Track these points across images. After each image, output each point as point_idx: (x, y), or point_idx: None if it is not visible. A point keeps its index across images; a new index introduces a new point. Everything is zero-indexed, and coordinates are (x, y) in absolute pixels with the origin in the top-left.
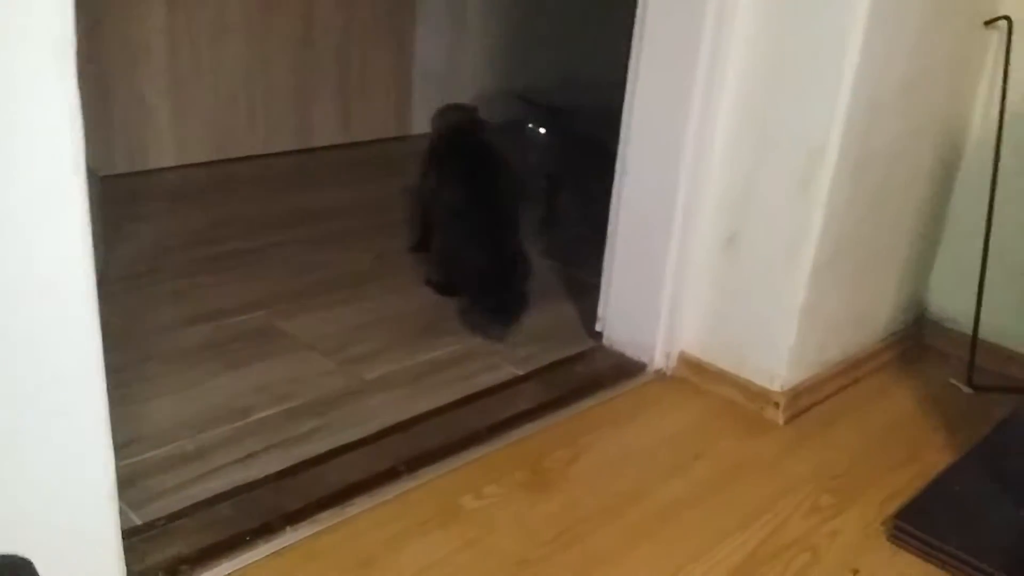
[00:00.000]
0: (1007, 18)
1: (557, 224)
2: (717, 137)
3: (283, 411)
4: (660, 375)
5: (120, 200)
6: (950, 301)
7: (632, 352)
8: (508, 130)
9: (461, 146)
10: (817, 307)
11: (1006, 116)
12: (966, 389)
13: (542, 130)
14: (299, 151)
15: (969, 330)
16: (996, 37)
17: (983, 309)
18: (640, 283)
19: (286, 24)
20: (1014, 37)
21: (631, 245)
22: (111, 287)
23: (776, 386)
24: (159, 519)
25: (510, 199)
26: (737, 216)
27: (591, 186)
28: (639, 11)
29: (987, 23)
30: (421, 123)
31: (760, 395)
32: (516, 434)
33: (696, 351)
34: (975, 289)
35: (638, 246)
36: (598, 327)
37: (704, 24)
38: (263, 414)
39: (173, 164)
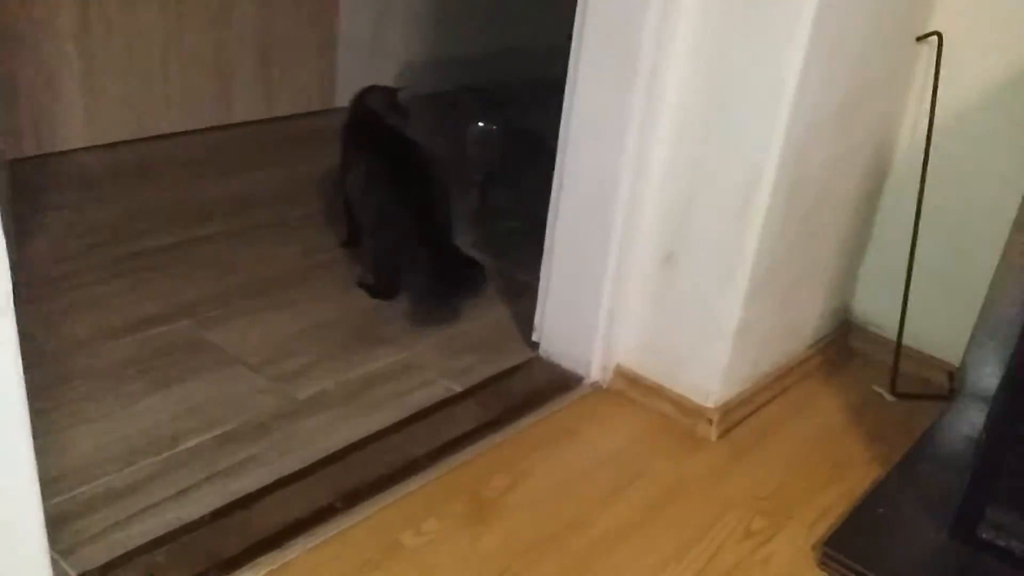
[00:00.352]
0: (938, 34)
1: (491, 218)
2: (655, 158)
3: (214, 438)
4: (596, 388)
5: (29, 187)
6: (875, 305)
7: (568, 364)
8: (437, 106)
9: (385, 141)
10: (751, 326)
11: (935, 128)
12: (889, 397)
13: (480, 123)
14: (219, 127)
15: (893, 334)
16: (926, 52)
17: (906, 315)
18: (578, 296)
19: None
20: (944, 52)
21: (569, 257)
22: (24, 294)
23: (710, 403)
24: (91, 570)
25: (442, 200)
26: (675, 235)
27: (528, 179)
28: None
29: (919, 39)
30: (347, 95)
31: (694, 411)
32: (455, 460)
33: (632, 364)
34: (900, 295)
35: (576, 259)
36: (535, 337)
37: (642, 45)
38: (194, 442)
39: (85, 145)
